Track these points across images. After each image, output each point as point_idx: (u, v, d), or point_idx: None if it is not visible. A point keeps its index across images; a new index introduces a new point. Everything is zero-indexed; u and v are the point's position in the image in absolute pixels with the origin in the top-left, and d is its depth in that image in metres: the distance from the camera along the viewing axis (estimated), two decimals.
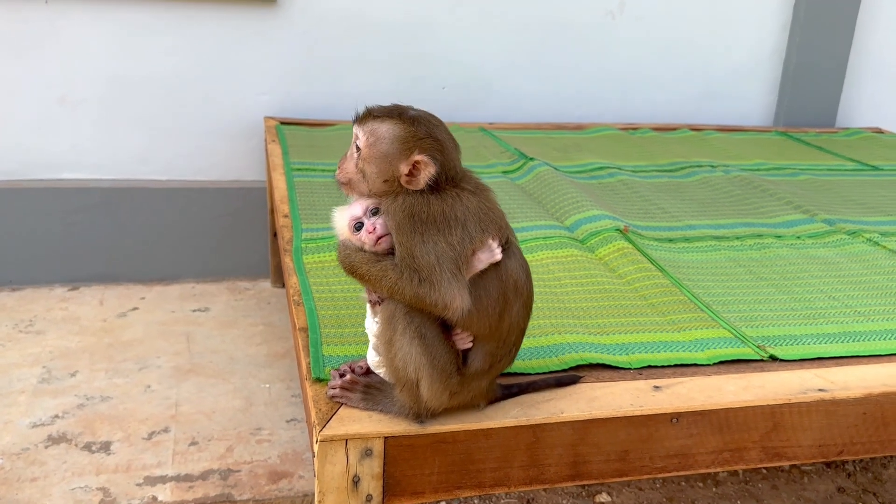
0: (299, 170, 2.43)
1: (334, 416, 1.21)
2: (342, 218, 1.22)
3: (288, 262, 1.79)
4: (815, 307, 1.75)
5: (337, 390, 1.25)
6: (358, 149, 1.21)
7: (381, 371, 1.25)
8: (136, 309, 2.93)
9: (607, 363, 1.45)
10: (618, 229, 2.07)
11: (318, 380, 1.32)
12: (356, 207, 1.22)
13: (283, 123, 2.97)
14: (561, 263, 1.89)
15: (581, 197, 2.27)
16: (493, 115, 3.30)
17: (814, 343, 1.58)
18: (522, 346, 1.46)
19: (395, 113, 1.19)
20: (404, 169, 1.16)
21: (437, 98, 3.18)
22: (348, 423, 1.21)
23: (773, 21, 3.50)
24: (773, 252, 2.06)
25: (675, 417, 1.33)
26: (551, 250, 1.95)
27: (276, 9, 3.00)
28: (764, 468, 2.31)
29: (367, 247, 1.18)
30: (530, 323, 1.54)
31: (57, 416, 2.25)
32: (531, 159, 2.63)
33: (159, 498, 1.96)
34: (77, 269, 3.06)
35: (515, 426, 1.26)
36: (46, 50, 2.86)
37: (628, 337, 1.56)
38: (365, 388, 1.24)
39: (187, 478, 2.04)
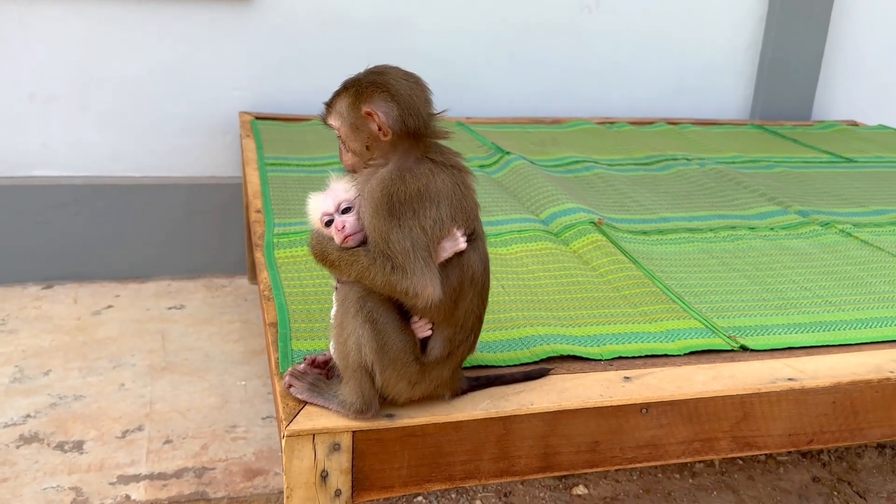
0: (273, 164, 2.42)
1: (301, 412, 1.20)
2: (315, 209, 1.21)
3: (259, 257, 1.78)
4: (787, 297, 1.75)
5: (287, 378, 1.24)
6: (338, 136, 1.23)
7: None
8: (110, 307, 2.90)
9: (578, 355, 1.45)
10: (592, 222, 2.07)
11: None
12: (328, 201, 1.21)
13: (258, 119, 2.95)
14: (535, 256, 1.89)
15: (556, 190, 2.27)
16: (471, 110, 3.30)
17: (784, 333, 1.59)
18: (492, 338, 1.46)
19: (341, 87, 1.22)
20: (372, 127, 1.17)
21: None
22: (316, 417, 1.20)
23: (749, 15, 3.51)
24: (746, 244, 2.07)
25: (645, 408, 1.33)
26: (525, 243, 1.95)
27: (251, 4, 2.98)
28: (740, 459, 2.32)
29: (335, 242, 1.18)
30: (501, 315, 1.55)
31: (29, 416, 2.22)
32: (507, 153, 2.63)
33: (133, 497, 1.94)
34: (50, 267, 3.02)
35: (485, 418, 1.25)
36: (15, 46, 2.82)
37: (600, 329, 1.56)
38: (314, 379, 1.23)
39: (161, 476, 2.02)
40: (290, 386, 1.24)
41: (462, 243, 1.17)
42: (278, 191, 2.20)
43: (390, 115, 1.15)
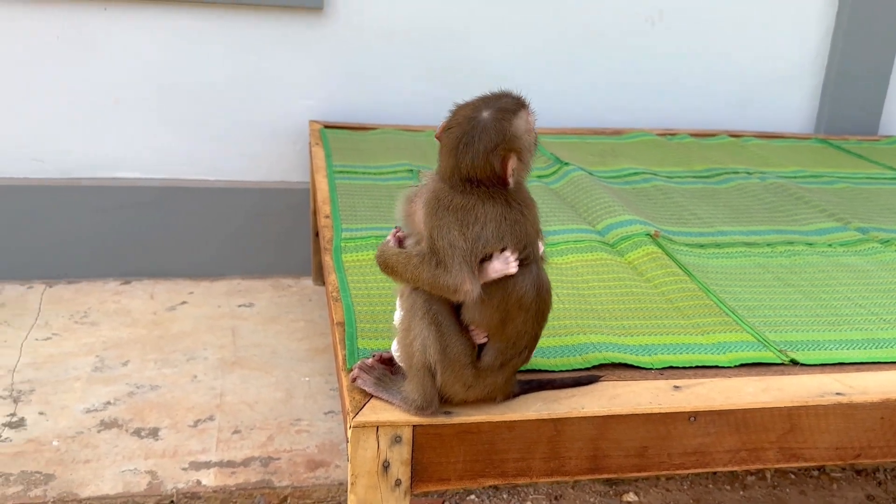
0: (341, 172, 2.52)
1: (367, 405, 1.29)
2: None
3: (328, 260, 1.88)
4: (841, 314, 1.77)
5: (355, 370, 1.33)
6: None
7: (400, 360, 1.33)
8: (184, 303, 3.05)
9: (629, 363, 1.50)
10: (648, 234, 2.11)
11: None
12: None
13: (326, 127, 3.07)
14: (590, 266, 1.94)
15: (613, 202, 2.32)
16: None
17: (836, 349, 1.61)
18: (546, 344, 1.53)
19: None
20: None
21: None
22: (379, 411, 1.28)
23: (815, 28, 3.50)
24: (803, 259, 2.09)
25: (693, 416, 1.38)
26: (581, 253, 2.01)
27: (322, 17, 3.11)
28: (792, 473, 2.33)
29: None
30: (555, 323, 1.61)
31: (109, 403, 2.37)
32: (566, 164, 2.69)
33: (203, 482, 2.06)
34: (129, 264, 3.20)
35: (537, 419, 1.32)
36: (102, 55, 3.00)
37: (652, 339, 1.61)
38: (380, 374, 1.32)
39: (230, 464, 2.14)
40: (357, 378, 1.33)
41: (513, 266, 1.23)
42: (346, 197, 2.30)
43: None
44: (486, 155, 1.22)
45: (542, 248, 1.33)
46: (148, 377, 2.53)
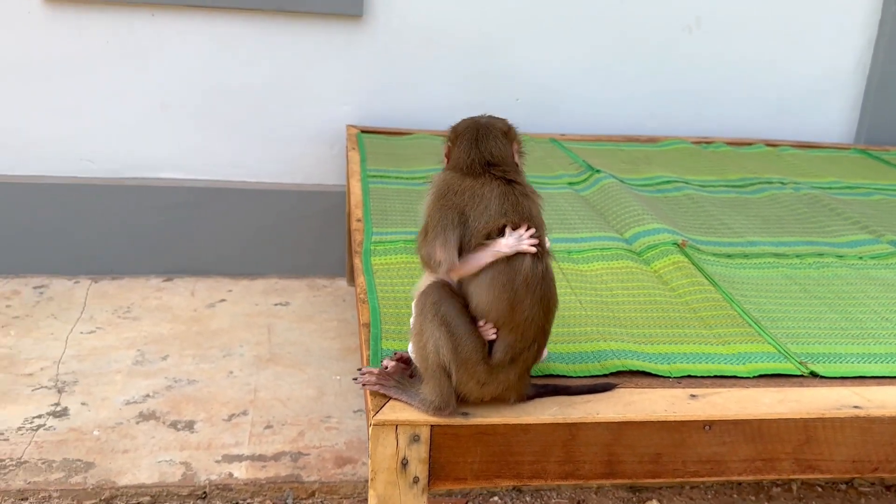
0: (374, 177, 2.58)
1: (387, 404, 1.34)
2: None
3: (357, 262, 1.93)
4: (865, 327, 1.77)
5: (366, 377, 1.38)
6: None
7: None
8: (223, 301, 3.15)
9: (647, 371, 1.53)
10: (675, 243, 2.13)
11: None
12: None
13: (363, 132, 3.14)
14: (615, 274, 1.97)
15: (642, 210, 2.34)
16: (565, 127, 3.39)
17: (858, 362, 1.62)
18: (566, 350, 1.56)
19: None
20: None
21: (510, 109, 3.26)
22: (399, 410, 1.33)
23: (857, 36, 3.46)
24: (831, 271, 2.08)
25: (708, 425, 1.40)
26: (607, 261, 2.03)
27: (362, 23, 3.18)
28: (819, 486, 2.32)
29: None
30: (577, 329, 1.65)
31: (148, 396, 2.46)
32: (597, 171, 2.71)
33: (235, 475, 2.13)
34: (172, 261, 3.30)
35: (552, 423, 1.36)
36: (151, 60, 3.11)
37: (672, 347, 1.63)
38: (400, 378, 1.37)
39: (261, 458, 2.21)
40: (377, 384, 1.38)
41: (525, 243, 1.31)
42: (378, 201, 2.36)
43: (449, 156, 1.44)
44: (503, 135, 1.43)
45: (548, 243, 1.39)
46: (186, 371, 2.62)
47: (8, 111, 3.11)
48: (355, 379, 1.40)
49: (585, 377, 1.49)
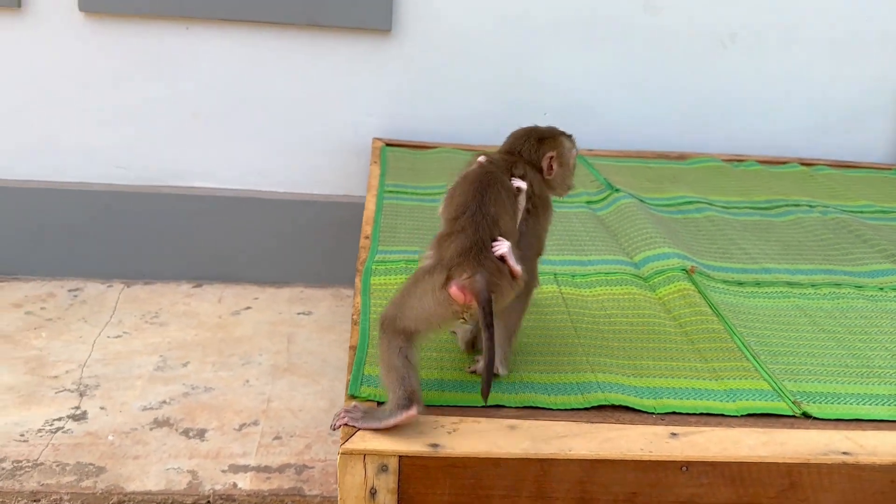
0: (391, 192, 2.60)
1: (356, 434, 1.35)
2: None
3: (357, 282, 1.95)
4: (872, 365, 1.71)
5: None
6: None
7: None
8: (248, 308, 3.21)
9: (631, 406, 1.50)
10: (684, 269, 2.09)
11: (353, 397, 1.46)
12: None
13: (388, 145, 3.16)
14: (616, 300, 1.94)
15: (655, 233, 2.30)
16: (594, 142, 3.35)
17: (857, 403, 1.56)
18: (550, 381, 1.55)
19: None
20: None
21: (538, 123, 3.26)
22: (368, 439, 1.34)
23: None
24: (846, 303, 2.01)
25: (686, 466, 1.37)
26: (610, 286, 2.00)
27: (391, 37, 3.20)
28: None
29: None
30: (564, 359, 1.64)
31: (164, 402, 2.53)
32: (617, 191, 2.67)
33: (239, 485, 2.18)
34: (202, 267, 3.38)
35: (524, 458, 1.35)
36: (184, 70, 3.19)
37: (661, 381, 1.60)
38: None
39: (266, 469, 2.25)
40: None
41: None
42: (389, 218, 2.37)
43: None
44: (538, 139, 1.61)
45: (512, 260, 1.41)
46: (204, 379, 2.68)
47: (47, 119, 3.23)
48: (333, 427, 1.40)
49: (565, 410, 1.47)
